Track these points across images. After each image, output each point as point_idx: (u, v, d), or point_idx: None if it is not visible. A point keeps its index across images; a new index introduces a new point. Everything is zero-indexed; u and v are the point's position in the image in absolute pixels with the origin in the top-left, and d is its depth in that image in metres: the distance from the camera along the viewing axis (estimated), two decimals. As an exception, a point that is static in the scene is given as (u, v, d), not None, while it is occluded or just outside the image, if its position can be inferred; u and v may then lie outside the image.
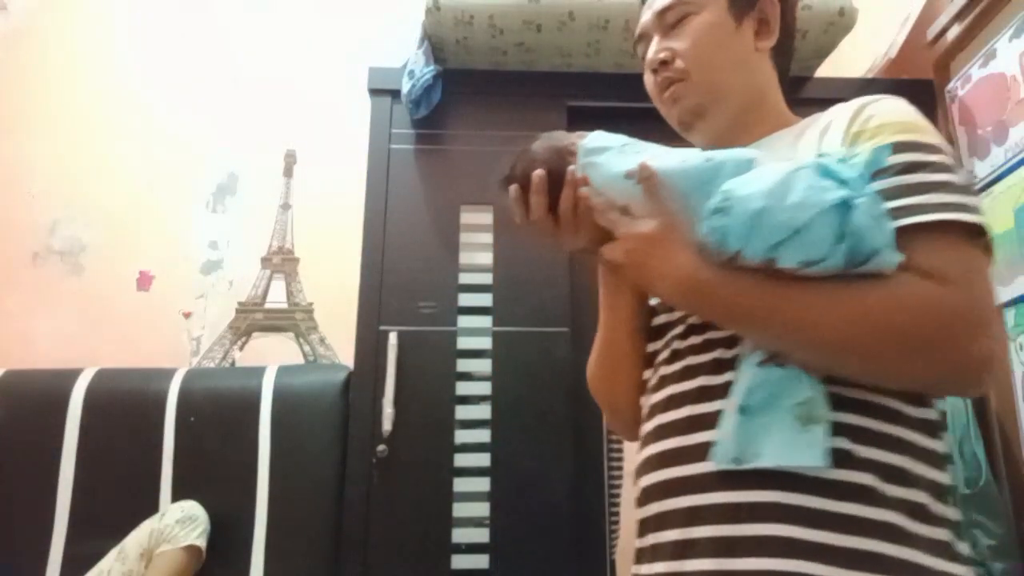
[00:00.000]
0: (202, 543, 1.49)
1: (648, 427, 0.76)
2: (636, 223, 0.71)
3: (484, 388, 1.63)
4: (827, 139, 0.73)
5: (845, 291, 0.61)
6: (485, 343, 1.65)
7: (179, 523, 1.49)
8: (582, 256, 0.83)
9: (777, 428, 0.62)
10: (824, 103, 2.01)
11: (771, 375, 0.64)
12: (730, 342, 0.70)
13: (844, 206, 0.59)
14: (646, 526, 0.73)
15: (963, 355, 0.61)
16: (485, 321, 1.66)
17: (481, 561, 1.53)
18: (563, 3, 1.70)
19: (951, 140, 1.79)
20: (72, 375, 1.72)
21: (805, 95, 1.88)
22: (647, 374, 0.81)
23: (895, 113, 0.71)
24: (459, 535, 1.55)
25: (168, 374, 1.73)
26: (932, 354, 0.61)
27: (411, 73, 1.74)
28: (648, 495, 0.73)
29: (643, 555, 0.73)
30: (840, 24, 1.75)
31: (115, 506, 1.59)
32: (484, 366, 1.65)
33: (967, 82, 1.74)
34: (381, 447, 1.56)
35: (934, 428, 0.67)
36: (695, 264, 0.66)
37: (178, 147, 2.22)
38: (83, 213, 2.15)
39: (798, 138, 0.78)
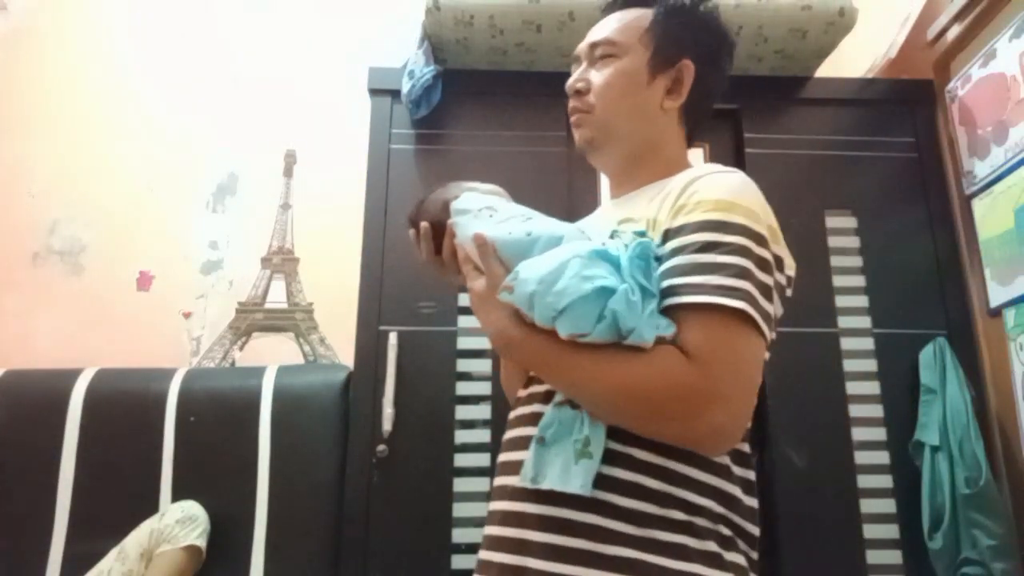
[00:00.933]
0: (202, 543, 1.49)
1: (504, 437, 0.90)
2: (475, 278, 0.85)
3: (484, 388, 1.63)
4: (664, 205, 0.83)
5: (610, 359, 0.73)
6: (485, 343, 1.65)
7: (179, 523, 1.49)
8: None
9: (558, 458, 0.77)
10: (824, 103, 2.02)
11: (562, 415, 0.79)
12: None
13: (604, 292, 0.71)
14: (487, 520, 0.87)
15: (691, 425, 0.73)
16: (485, 321, 1.66)
17: (481, 561, 1.53)
18: (563, 3, 1.70)
19: (951, 140, 1.79)
20: (72, 375, 1.72)
21: (805, 95, 1.88)
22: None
23: (717, 191, 0.80)
24: (459, 535, 1.55)
25: (168, 374, 1.73)
26: (668, 421, 0.74)
27: (411, 73, 1.74)
28: (491, 495, 0.88)
29: (484, 543, 0.87)
30: (840, 24, 1.75)
31: (115, 506, 1.59)
32: (484, 366, 1.65)
33: (967, 82, 1.74)
34: (381, 447, 1.56)
35: (719, 467, 0.78)
36: (505, 322, 0.79)
37: (178, 147, 2.22)
38: (83, 213, 2.15)
39: (660, 192, 0.86)
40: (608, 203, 1.01)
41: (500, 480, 0.86)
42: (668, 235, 0.79)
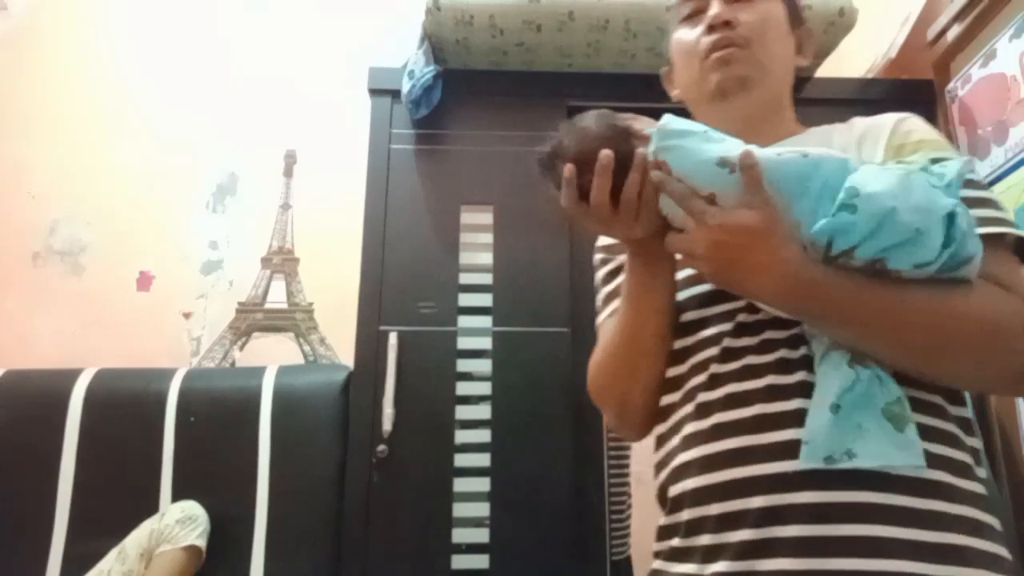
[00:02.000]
0: (202, 543, 1.49)
1: (699, 427, 0.73)
2: (731, 212, 0.66)
3: (484, 388, 1.63)
4: (866, 148, 0.76)
5: (946, 296, 0.63)
6: (485, 343, 1.65)
7: (179, 523, 1.49)
8: (629, 242, 0.77)
9: (871, 428, 0.63)
10: (824, 103, 2.02)
11: (862, 375, 0.64)
12: (793, 342, 0.70)
13: (952, 216, 0.61)
14: (695, 527, 0.71)
15: None
16: (485, 321, 1.66)
17: (481, 561, 1.53)
18: (563, 3, 1.70)
19: (951, 140, 1.79)
20: (72, 375, 1.72)
21: (805, 95, 1.88)
22: (672, 371, 0.79)
23: (929, 132, 0.76)
24: (459, 535, 1.54)
25: (168, 374, 1.73)
26: (1011, 358, 0.65)
27: (411, 73, 1.74)
28: (702, 496, 0.70)
29: (682, 555, 0.72)
30: (840, 24, 1.75)
31: (115, 506, 1.59)
32: (484, 366, 1.64)
33: (967, 82, 1.74)
34: (381, 447, 1.56)
35: (970, 425, 0.70)
36: (802, 260, 0.65)
37: (178, 147, 2.22)
38: (83, 213, 2.15)
39: (826, 141, 0.79)
40: None
41: (738, 472, 0.68)
42: None
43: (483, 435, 1.60)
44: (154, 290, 2.10)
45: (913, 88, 1.89)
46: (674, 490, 0.74)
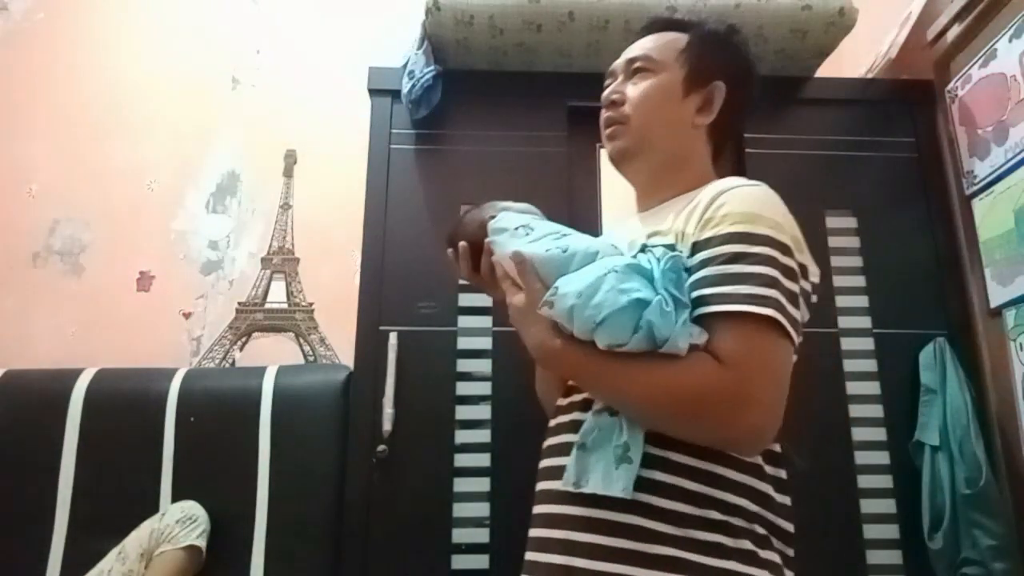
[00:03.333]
0: (202, 543, 1.49)
1: (544, 444, 0.96)
2: (514, 293, 0.89)
3: (484, 388, 1.63)
4: (692, 218, 0.87)
5: (647, 366, 0.77)
6: (485, 343, 1.65)
7: (179, 523, 1.49)
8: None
9: (600, 463, 0.80)
10: (824, 103, 2.02)
11: (601, 422, 0.83)
12: None
13: (640, 303, 0.76)
14: (532, 522, 0.92)
15: (727, 427, 0.77)
16: (485, 321, 1.66)
17: (481, 561, 1.53)
18: (563, 3, 1.70)
19: (951, 140, 1.79)
20: (72, 375, 1.72)
21: (805, 95, 1.88)
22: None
23: (742, 204, 0.84)
24: (459, 535, 1.55)
25: (168, 374, 1.73)
26: (704, 423, 0.78)
27: (411, 73, 1.74)
28: (535, 499, 0.93)
29: (527, 545, 0.92)
30: (840, 24, 1.75)
31: (115, 506, 1.59)
32: (484, 366, 1.65)
33: (967, 82, 1.74)
34: (381, 447, 1.56)
35: (754, 467, 0.84)
36: (545, 335, 0.83)
37: (178, 147, 2.22)
38: (83, 213, 2.15)
39: (687, 205, 0.90)
40: (635, 216, 1.05)
41: (543, 485, 0.91)
42: (696, 247, 0.84)
43: (483, 435, 1.60)
44: (154, 290, 2.10)
45: (913, 88, 1.89)
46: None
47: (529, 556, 0.90)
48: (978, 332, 1.68)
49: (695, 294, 0.81)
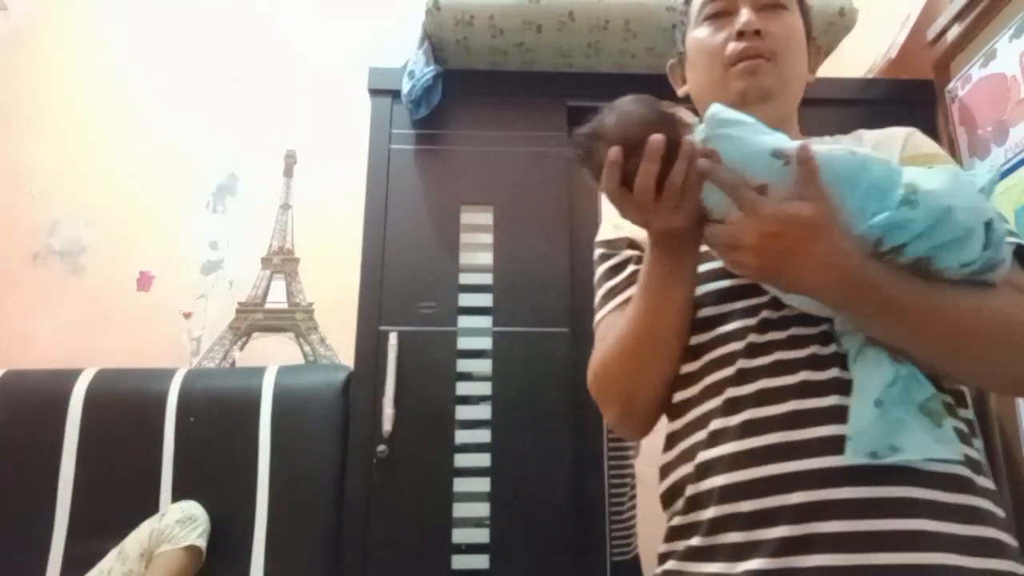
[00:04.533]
0: (202, 543, 1.49)
1: (728, 422, 0.72)
2: (786, 204, 0.64)
3: (484, 388, 1.63)
4: (888, 154, 0.77)
5: (982, 298, 0.65)
6: (485, 343, 1.65)
7: (179, 523, 1.49)
8: (675, 235, 0.74)
9: (912, 424, 0.64)
10: (824, 103, 2.01)
11: (901, 372, 0.65)
12: (823, 339, 0.71)
13: (991, 220, 0.64)
14: (721, 525, 0.70)
15: None
16: (485, 321, 1.66)
17: (481, 561, 1.53)
18: (563, 3, 1.70)
19: (951, 140, 1.79)
20: (72, 375, 1.72)
21: (805, 95, 1.88)
22: (687, 367, 0.78)
23: (936, 147, 0.81)
24: (459, 535, 1.54)
25: (168, 374, 1.73)
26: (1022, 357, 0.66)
27: (411, 73, 1.74)
28: (731, 493, 0.70)
29: (704, 554, 0.71)
30: (840, 24, 1.75)
31: (115, 506, 1.59)
32: (484, 366, 1.64)
33: (967, 82, 1.74)
34: (381, 447, 1.56)
35: (974, 426, 0.72)
36: (859, 255, 0.64)
37: (178, 147, 2.22)
38: (83, 213, 2.15)
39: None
40: None
41: (775, 468, 0.67)
42: None
43: (483, 435, 1.60)
44: (154, 290, 2.10)
45: (913, 88, 1.89)
46: (695, 488, 0.73)
47: (764, 564, 0.66)
48: (978, 332, 1.68)
49: None
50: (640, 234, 0.85)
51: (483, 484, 1.57)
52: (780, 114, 0.88)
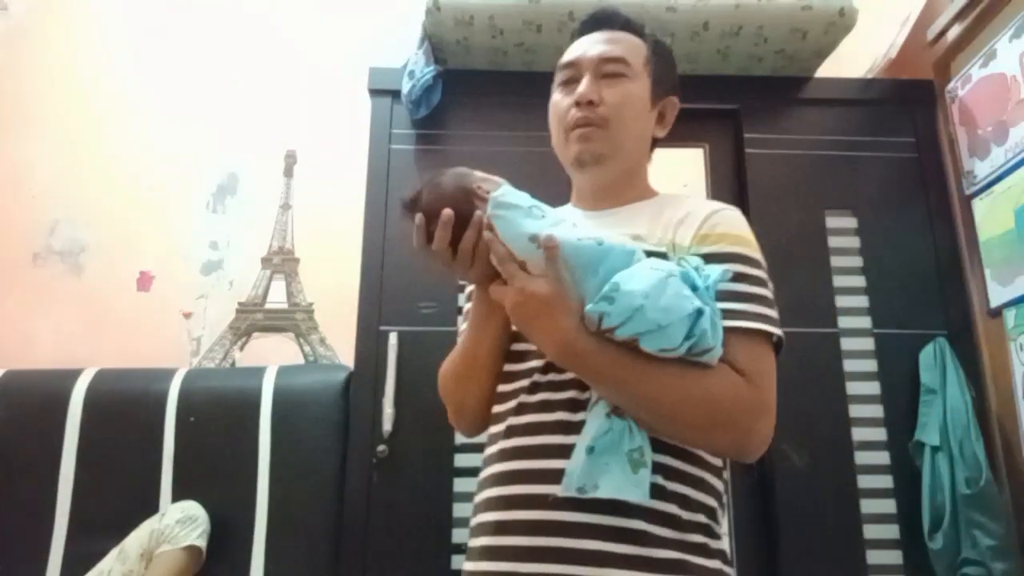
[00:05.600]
0: (202, 543, 1.49)
1: (505, 445, 0.87)
2: (531, 280, 0.80)
3: (484, 388, 1.63)
4: (680, 231, 0.89)
5: (682, 375, 0.78)
6: (485, 343, 1.65)
7: (179, 523, 1.49)
8: (468, 282, 0.89)
9: (614, 467, 0.77)
10: (824, 103, 2.01)
11: (614, 425, 0.79)
12: (583, 386, 0.83)
13: (698, 313, 0.75)
14: (487, 530, 0.86)
15: (749, 435, 0.81)
16: (485, 321, 1.66)
17: (481, 561, 1.53)
18: (563, 3, 1.70)
19: (951, 140, 1.79)
20: (72, 375, 1.72)
21: (805, 95, 1.88)
22: (501, 387, 0.92)
23: (734, 227, 0.89)
24: (459, 535, 1.55)
25: (168, 374, 1.73)
26: (729, 432, 0.81)
27: (411, 73, 1.74)
28: (494, 504, 0.86)
29: (476, 555, 0.87)
30: (840, 24, 1.75)
31: (115, 506, 1.59)
32: (484, 366, 1.64)
33: (967, 82, 1.74)
34: (381, 447, 1.56)
35: (719, 470, 0.87)
36: (574, 331, 0.78)
37: (178, 147, 2.22)
38: (83, 213, 2.15)
39: (658, 215, 0.93)
40: (578, 213, 1.03)
41: (519, 489, 0.84)
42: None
43: (483, 435, 1.60)
44: (154, 290, 2.10)
45: (913, 88, 1.89)
46: (480, 496, 0.90)
47: (494, 567, 0.83)
48: (978, 332, 1.68)
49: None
50: None
51: (483, 484, 1.57)
52: (616, 174, 0.98)
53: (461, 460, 1.59)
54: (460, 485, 1.57)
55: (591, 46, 0.99)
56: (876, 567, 1.55)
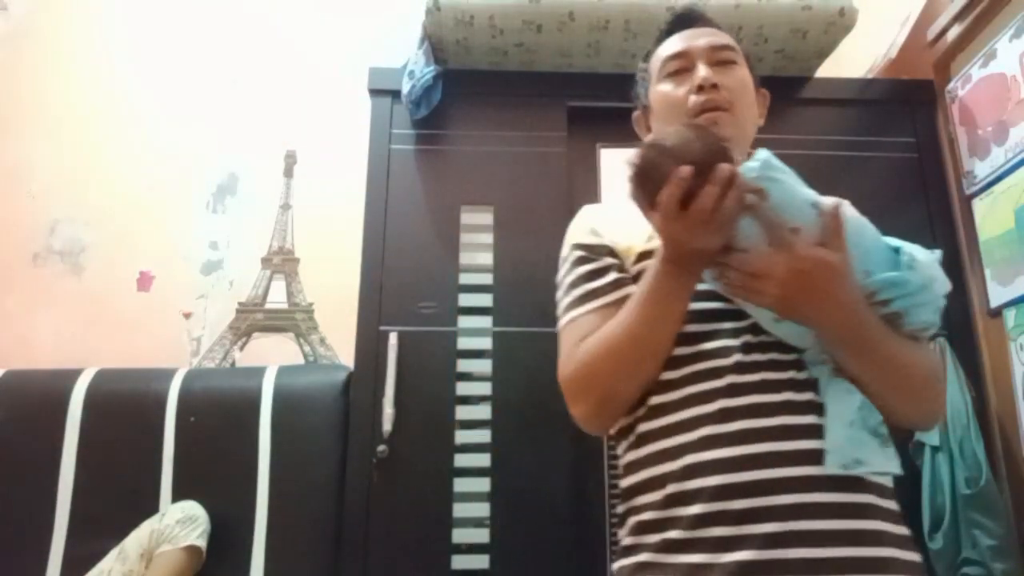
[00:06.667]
0: (202, 543, 1.49)
1: (721, 429, 0.79)
2: (818, 248, 0.76)
3: (484, 388, 1.63)
4: None
5: (919, 349, 0.83)
6: (485, 343, 1.65)
7: (179, 523, 1.49)
8: (701, 254, 0.80)
9: (869, 442, 0.78)
10: (824, 103, 2.02)
11: (858, 400, 0.80)
12: (798, 365, 0.82)
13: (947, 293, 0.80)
14: (706, 520, 0.77)
15: (941, 406, 0.92)
16: (485, 321, 1.66)
17: (481, 561, 1.53)
18: (563, 3, 1.70)
19: (951, 140, 1.79)
20: (72, 375, 1.72)
21: (805, 95, 1.88)
22: (668, 374, 0.85)
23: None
24: (459, 535, 1.55)
25: (168, 374, 1.73)
26: (940, 399, 0.90)
27: (411, 73, 1.74)
28: (724, 493, 0.77)
29: (685, 546, 0.77)
30: (840, 24, 1.75)
31: (115, 506, 1.59)
32: (484, 366, 1.64)
33: (967, 82, 1.74)
34: (381, 447, 1.56)
35: None
36: (863, 301, 0.78)
37: (178, 147, 2.22)
38: (83, 213, 2.15)
39: None
40: None
41: (763, 473, 0.76)
42: None
43: (483, 435, 1.60)
44: (154, 290, 2.09)
45: (913, 88, 1.89)
46: (679, 486, 0.80)
47: (751, 555, 0.74)
48: (978, 332, 1.68)
49: None
50: (619, 244, 0.94)
51: (483, 484, 1.57)
52: (737, 159, 0.94)
53: (461, 460, 1.59)
54: (460, 485, 1.57)
55: (695, 37, 0.99)
56: (876, 567, 1.55)
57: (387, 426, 1.57)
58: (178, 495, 1.60)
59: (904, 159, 1.82)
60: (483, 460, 1.58)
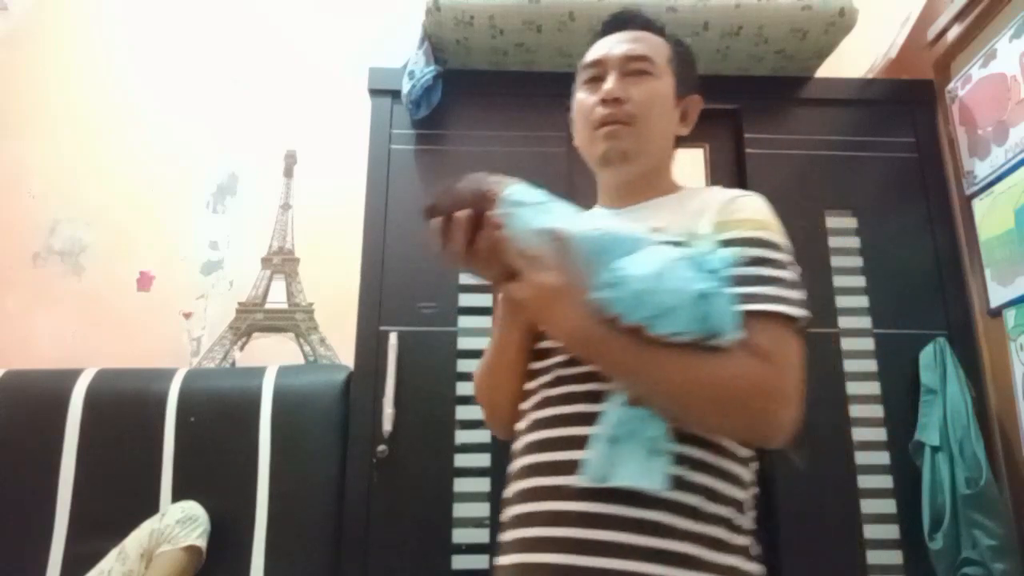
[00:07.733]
0: (202, 543, 1.49)
1: (530, 438, 0.88)
2: (543, 273, 0.82)
3: (484, 388, 1.63)
4: (701, 220, 0.88)
5: (693, 360, 0.77)
6: (485, 343, 1.64)
7: (179, 523, 1.49)
8: (487, 283, 0.92)
9: (631, 457, 0.78)
10: (824, 103, 2.01)
11: (632, 414, 0.79)
12: (604, 377, 0.83)
13: (704, 296, 0.76)
14: (514, 523, 0.85)
15: (768, 422, 0.80)
16: (485, 321, 1.66)
17: (481, 561, 1.53)
18: (563, 3, 1.70)
19: (951, 140, 1.79)
20: (72, 375, 1.72)
21: (805, 95, 1.88)
22: (527, 385, 0.93)
23: (755, 211, 0.89)
24: (459, 535, 1.55)
25: (168, 374, 1.73)
26: (746, 418, 0.79)
27: (411, 73, 1.74)
28: (519, 497, 0.86)
29: (505, 548, 0.85)
30: (840, 24, 1.75)
31: (115, 506, 1.59)
32: (484, 366, 1.64)
33: (967, 82, 1.74)
34: (381, 447, 1.56)
35: (747, 461, 0.86)
36: (585, 319, 0.80)
37: (178, 147, 2.22)
38: (83, 213, 2.15)
39: (680, 207, 0.94)
40: (603, 211, 1.03)
41: (541, 480, 0.84)
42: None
43: (483, 435, 1.60)
44: (154, 290, 2.10)
45: (913, 88, 1.89)
46: (507, 491, 0.89)
47: (524, 558, 0.82)
48: (978, 332, 1.68)
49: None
50: None
51: (483, 484, 1.57)
52: (641, 172, 0.99)
53: (461, 460, 1.59)
54: (460, 485, 1.57)
55: (615, 45, 1.00)
56: (876, 567, 1.55)
57: (387, 426, 1.57)
58: (178, 495, 1.60)
59: (904, 159, 1.82)
60: (483, 460, 1.59)
